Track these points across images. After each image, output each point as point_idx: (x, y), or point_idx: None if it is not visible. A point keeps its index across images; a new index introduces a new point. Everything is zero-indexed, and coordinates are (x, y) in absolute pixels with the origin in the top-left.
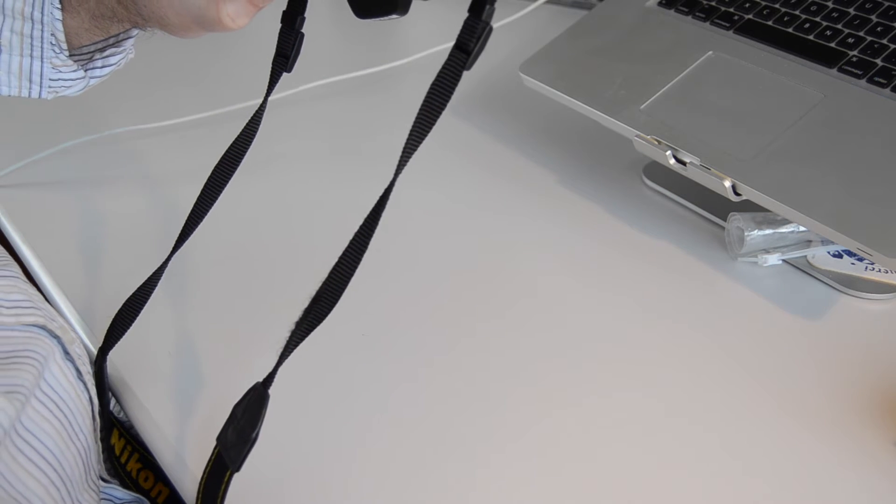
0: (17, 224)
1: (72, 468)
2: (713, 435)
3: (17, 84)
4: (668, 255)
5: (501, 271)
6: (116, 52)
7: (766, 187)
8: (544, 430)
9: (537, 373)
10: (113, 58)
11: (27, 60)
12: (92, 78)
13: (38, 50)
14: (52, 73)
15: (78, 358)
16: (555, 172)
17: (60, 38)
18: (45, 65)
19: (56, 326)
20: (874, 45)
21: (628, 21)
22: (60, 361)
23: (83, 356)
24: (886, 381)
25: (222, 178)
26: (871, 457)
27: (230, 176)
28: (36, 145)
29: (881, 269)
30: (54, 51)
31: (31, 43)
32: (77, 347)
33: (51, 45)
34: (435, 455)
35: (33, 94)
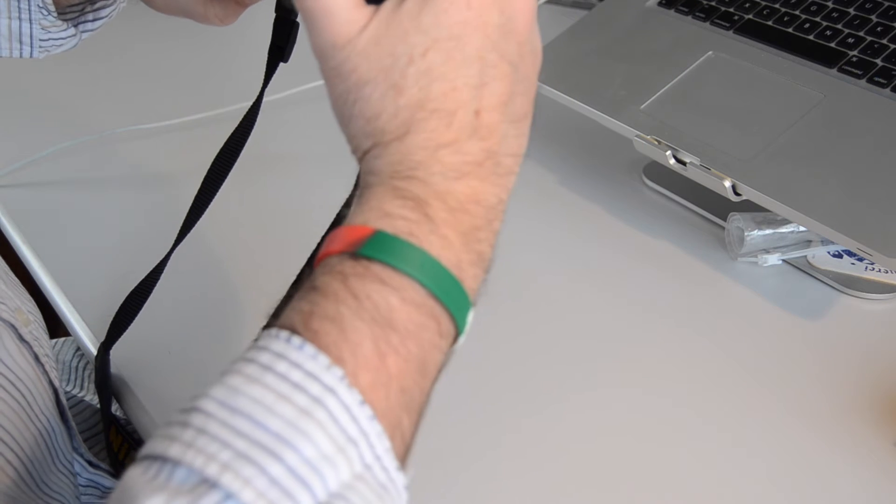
0: (17, 224)
1: (32, 449)
2: (713, 434)
3: (8, 46)
4: (668, 255)
5: (501, 271)
6: (106, 3)
7: (766, 187)
8: (540, 429)
9: (536, 372)
10: (104, 10)
11: (16, 23)
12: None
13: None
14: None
15: (35, 341)
16: (555, 172)
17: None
18: (34, 26)
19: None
20: (874, 45)
21: (628, 21)
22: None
23: (41, 339)
24: (886, 380)
25: (221, 172)
26: (872, 457)
27: (228, 170)
28: (36, 145)
29: (881, 269)
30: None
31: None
32: (34, 330)
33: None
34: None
35: (24, 55)
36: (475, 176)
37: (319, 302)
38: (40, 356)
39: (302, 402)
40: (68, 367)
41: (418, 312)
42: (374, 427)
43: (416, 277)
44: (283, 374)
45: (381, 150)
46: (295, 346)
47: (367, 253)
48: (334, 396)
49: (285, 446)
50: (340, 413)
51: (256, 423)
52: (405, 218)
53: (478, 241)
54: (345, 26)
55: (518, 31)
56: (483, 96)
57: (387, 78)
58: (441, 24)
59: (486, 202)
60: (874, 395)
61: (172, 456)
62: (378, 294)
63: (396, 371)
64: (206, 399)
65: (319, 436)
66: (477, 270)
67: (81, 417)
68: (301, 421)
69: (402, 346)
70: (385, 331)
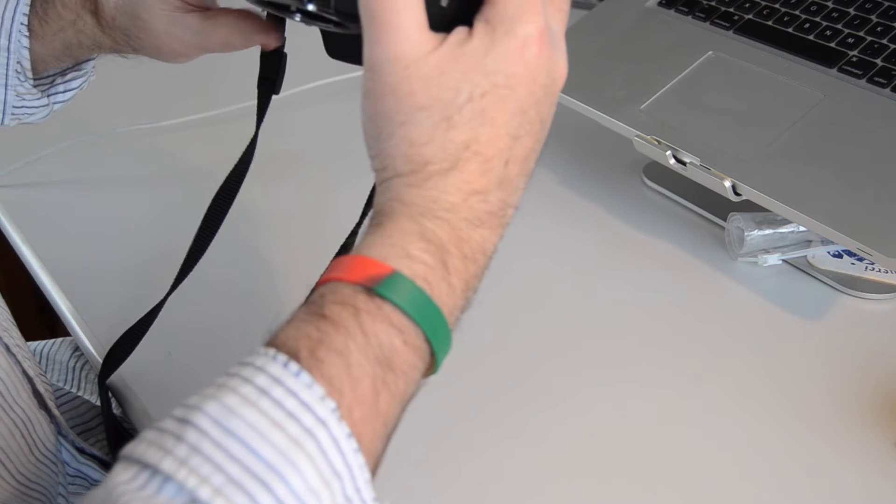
0: (17, 224)
1: (6, 440)
2: (713, 434)
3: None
4: (668, 255)
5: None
6: (77, 75)
7: (766, 187)
8: (540, 429)
9: (535, 372)
10: (74, 81)
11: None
12: (55, 104)
13: (3, 77)
14: (15, 100)
15: (5, 332)
16: (555, 172)
17: (26, 66)
18: (8, 92)
19: None
20: (874, 45)
21: (628, 21)
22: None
23: (11, 330)
24: (886, 380)
25: (219, 213)
26: (872, 457)
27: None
28: (36, 145)
29: (881, 269)
30: (19, 79)
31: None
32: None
33: (16, 72)
34: (434, 455)
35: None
36: (489, 225)
37: (329, 332)
38: (11, 346)
39: (294, 432)
40: (65, 367)
41: (414, 355)
42: (358, 460)
43: (421, 325)
44: (278, 400)
45: (418, 179)
46: (292, 372)
47: (382, 292)
48: (325, 429)
49: (276, 477)
50: (329, 446)
51: (250, 449)
52: (424, 263)
53: (472, 289)
54: (412, 46)
55: (555, 93)
56: (515, 148)
57: (444, 109)
58: (502, 71)
59: (489, 251)
60: (874, 395)
61: (164, 470)
62: (385, 334)
63: (385, 408)
64: (200, 415)
65: (308, 469)
66: (460, 314)
67: (77, 412)
68: (292, 452)
69: (394, 385)
70: (384, 370)
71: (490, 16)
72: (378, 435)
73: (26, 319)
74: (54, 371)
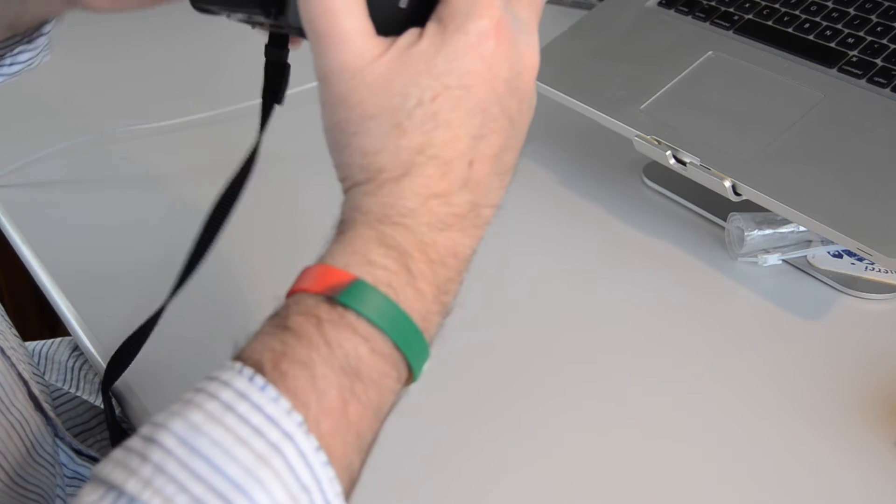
0: (17, 224)
1: (4, 442)
2: (713, 434)
3: None
4: (668, 255)
5: (500, 271)
6: (27, 48)
7: (766, 187)
8: (539, 429)
9: (535, 372)
10: (23, 55)
11: None
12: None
13: None
14: None
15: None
16: (555, 172)
17: None
18: None
19: None
20: (874, 45)
21: (628, 21)
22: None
23: (6, 332)
24: (886, 380)
25: (218, 220)
26: (872, 456)
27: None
28: (36, 145)
29: (881, 269)
30: None
31: None
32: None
33: None
34: (433, 455)
35: None
36: (457, 228)
37: (292, 344)
38: (6, 349)
39: (260, 448)
40: (64, 367)
41: (384, 363)
42: (328, 472)
43: (387, 332)
44: (243, 416)
45: (374, 187)
46: (258, 386)
47: (344, 301)
48: (292, 444)
49: (241, 495)
50: (297, 461)
51: (214, 468)
52: (386, 268)
53: (447, 292)
54: (357, 55)
55: (522, 87)
56: (479, 148)
57: (393, 116)
58: (454, 70)
59: (462, 254)
60: (874, 395)
61: (129, 491)
62: (349, 343)
63: (356, 418)
64: (166, 433)
65: (275, 485)
66: (438, 319)
67: (75, 412)
68: (258, 469)
69: (364, 395)
70: (351, 379)
71: (443, 14)
72: (351, 447)
73: (26, 319)
74: (53, 371)
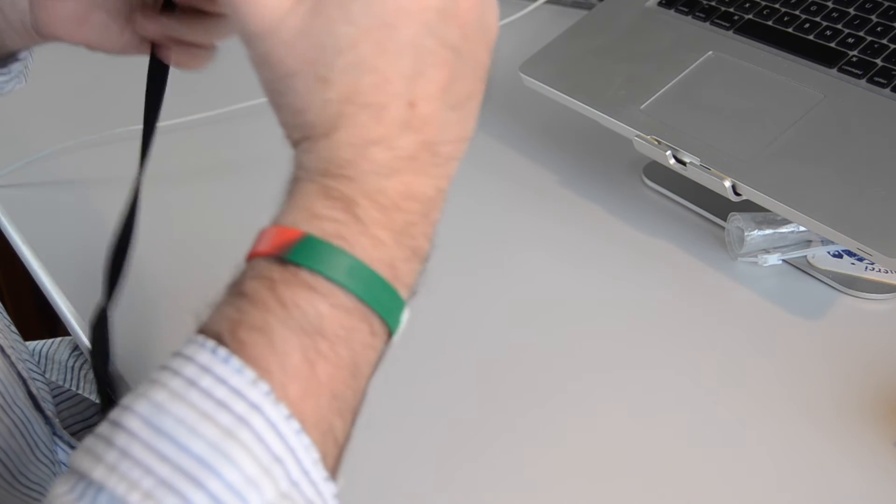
0: (17, 224)
1: (7, 440)
2: (713, 434)
3: None
4: (668, 255)
5: (500, 271)
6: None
7: (766, 187)
8: (542, 431)
9: (535, 371)
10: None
11: None
12: None
13: None
14: None
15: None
16: (555, 172)
17: None
18: None
19: None
20: (874, 45)
21: (628, 21)
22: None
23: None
24: (886, 381)
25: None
26: (872, 457)
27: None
28: (36, 145)
29: (881, 269)
30: None
31: None
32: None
33: None
34: (432, 455)
35: None
36: (409, 170)
37: (247, 310)
38: (5, 347)
39: (226, 421)
40: (64, 366)
41: (348, 317)
42: (302, 440)
43: (344, 284)
44: (207, 390)
45: (310, 144)
46: (221, 358)
47: (294, 259)
48: (260, 414)
49: (209, 472)
50: (266, 431)
51: (180, 447)
52: (334, 220)
53: (412, 236)
54: (268, 14)
55: (461, 13)
56: (418, 86)
57: (313, 71)
58: (372, 12)
59: (422, 196)
60: (874, 395)
61: (96, 479)
62: (306, 301)
63: (327, 378)
64: (130, 415)
65: (244, 458)
66: (412, 265)
67: (76, 410)
68: (225, 443)
69: (332, 353)
70: (314, 339)
71: None
72: (327, 409)
73: (26, 319)
74: (53, 371)
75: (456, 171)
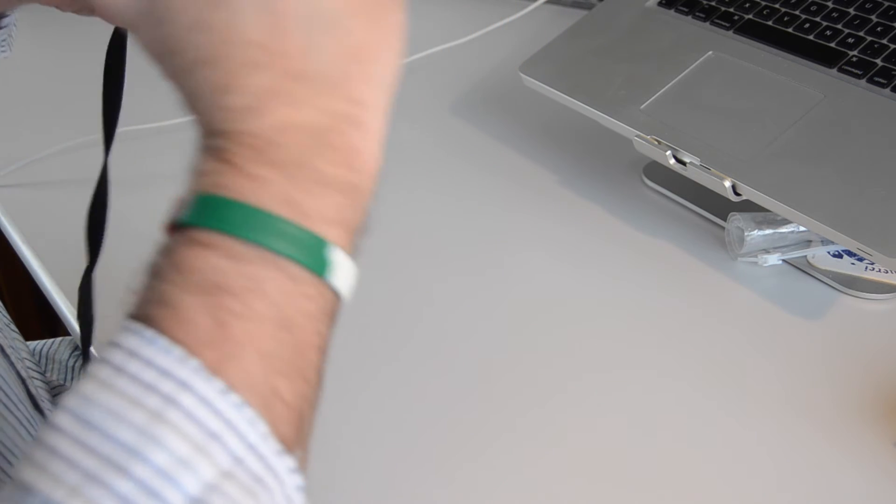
0: (17, 224)
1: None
2: (713, 433)
3: None
4: (668, 255)
5: (500, 271)
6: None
7: (766, 187)
8: (541, 430)
9: (534, 372)
10: None
11: None
12: None
13: None
14: None
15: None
16: (555, 172)
17: None
18: None
19: None
20: (874, 45)
21: (628, 21)
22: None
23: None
24: (886, 381)
25: None
26: (872, 457)
27: None
28: (36, 145)
29: (881, 269)
30: None
31: None
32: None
33: None
34: (432, 455)
35: None
36: (279, 105)
37: (153, 285)
38: (5, 347)
39: (153, 404)
40: (64, 366)
41: (250, 266)
42: (244, 413)
43: (231, 231)
44: (135, 375)
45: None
46: (147, 339)
47: (183, 220)
48: (189, 392)
49: (134, 459)
50: (197, 408)
51: (107, 437)
52: (209, 172)
53: (310, 167)
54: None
55: None
56: (261, 24)
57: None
58: None
59: (305, 124)
60: (874, 395)
61: (27, 482)
62: (201, 260)
63: (245, 336)
64: (61, 413)
65: (172, 439)
66: (326, 198)
67: None
68: (152, 426)
69: (243, 308)
70: (219, 297)
71: None
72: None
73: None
74: (54, 370)
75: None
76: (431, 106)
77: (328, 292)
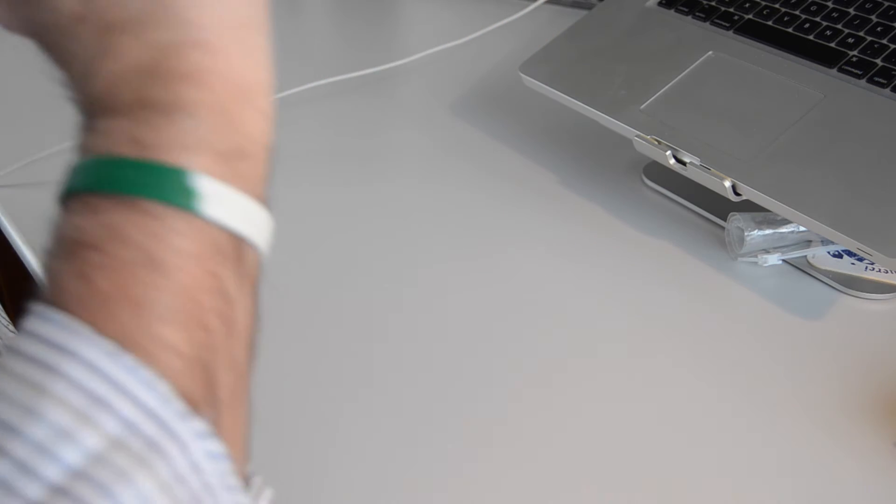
0: (17, 224)
1: None
2: (713, 434)
3: None
4: (668, 255)
5: (500, 271)
6: None
7: (766, 187)
8: (540, 430)
9: (536, 373)
10: None
11: None
12: None
13: None
14: None
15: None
16: (555, 172)
17: None
18: None
19: None
20: (874, 45)
21: (628, 21)
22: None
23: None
24: (886, 381)
25: None
26: (872, 457)
27: None
28: (36, 145)
29: (881, 269)
30: None
31: None
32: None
33: None
34: (432, 455)
35: None
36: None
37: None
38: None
39: (36, 377)
40: None
41: (107, 214)
42: (139, 375)
43: (82, 188)
44: (22, 350)
45: None
46: (35, 314)
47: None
48: (72, 358)
49: (11, 436)
50: (83, 374)
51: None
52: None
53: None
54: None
55: None
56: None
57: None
58: None
59: (132, 67)
60: (874, 396)
61: None
62: (64, 225)
63: (111, 286)
64: None
65: (53, 410)
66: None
67: None
68: (33, 400)
69: (105, 258)
70: (80, 253)
71: None
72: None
73: None
74: None
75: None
76: (431, 106)
77: (208, 226)
